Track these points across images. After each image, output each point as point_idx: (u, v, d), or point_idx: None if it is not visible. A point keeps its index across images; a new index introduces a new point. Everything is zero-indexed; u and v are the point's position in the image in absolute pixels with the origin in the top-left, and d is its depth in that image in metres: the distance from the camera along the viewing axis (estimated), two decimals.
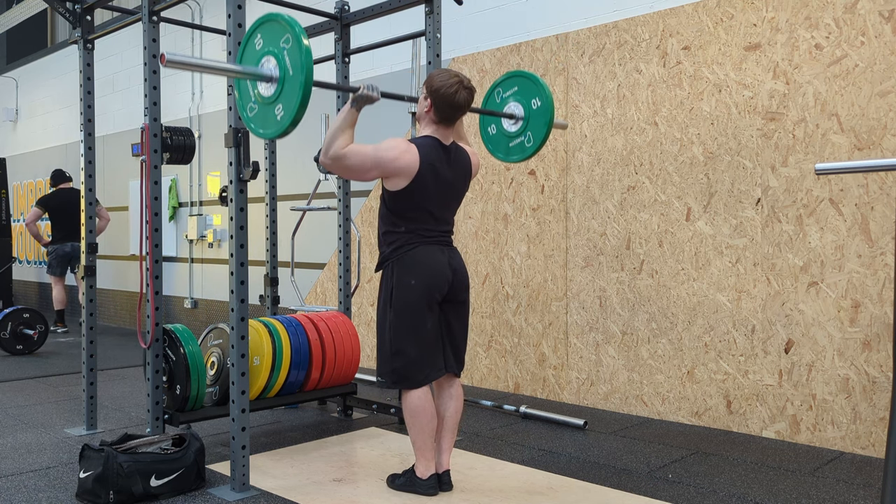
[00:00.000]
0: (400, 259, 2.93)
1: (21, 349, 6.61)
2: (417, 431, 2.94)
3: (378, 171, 2.87)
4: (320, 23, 4.51)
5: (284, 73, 2.59)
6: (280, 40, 2.60)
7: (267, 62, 2.63)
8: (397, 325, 2.93)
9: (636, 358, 4.34)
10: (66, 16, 4.04)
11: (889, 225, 3.47)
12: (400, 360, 2.93)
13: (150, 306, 3.50)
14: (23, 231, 10.98)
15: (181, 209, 7.99)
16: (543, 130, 3.46)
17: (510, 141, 3.61)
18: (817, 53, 3.70)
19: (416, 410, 2.93)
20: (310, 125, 6.18)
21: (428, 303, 2.91)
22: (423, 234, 2.94)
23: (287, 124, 2.59)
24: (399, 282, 2.91)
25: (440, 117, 2.93)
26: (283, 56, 2.59)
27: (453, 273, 2.98)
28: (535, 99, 3.49)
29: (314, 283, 6.37)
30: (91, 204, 3.92)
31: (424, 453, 2.96)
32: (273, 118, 2.65)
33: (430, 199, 2.93)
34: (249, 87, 2.73)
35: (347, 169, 2.86)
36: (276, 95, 2.62)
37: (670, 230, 4.20)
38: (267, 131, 2.69)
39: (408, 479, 3.02)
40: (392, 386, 2.98)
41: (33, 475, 3.24)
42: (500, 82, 3.63)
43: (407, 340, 2.91)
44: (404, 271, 2.91)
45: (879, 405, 3.50)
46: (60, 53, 10.04)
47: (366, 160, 2.84)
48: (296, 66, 2.55)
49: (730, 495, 3.03)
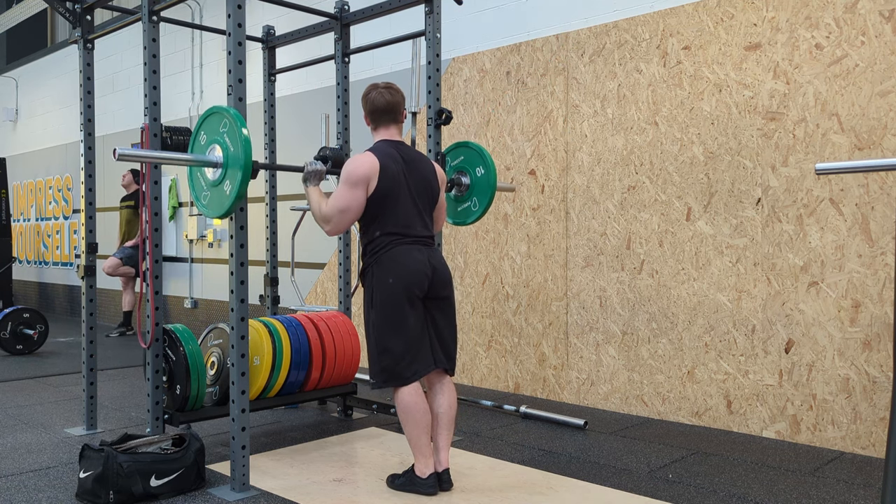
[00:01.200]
0: (378, 260, 2.99)
1: (21, 349, 6.61)
2: (412, 427, 2.95)
3: (360, 190, 2.97)
4: (320, 23, 4.50)
5: (227, 154, 2.88)
6: (220, 127, 2.92)
7: (212, 150, 2.95)
8: (380, 324, 2.97)
9: (636, 358, 4.34)
10: (66, 16, 4.04)
11: (889, 225, 3.47)
12: (387, 358, 2.96)
13: (150, 306, 3.50)
14: (23, 231, 10.99)
15: (181, 209, 7.99)
16: (487, 196, 3.78)
17: (458, 206, 3.93)
18: (818, 53, 3.70)
19: (407, 406, 2.95)
20: (310, 125, 6.20)
21: (408, 298, 2.95)
22: (400, 235, 2.99)
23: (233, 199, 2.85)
24: (378, 282, 2.98)
25: (374, 122, 3.15)
26: (225, 139, 2.89)
27: (433, 270, 3.01)
28: (479, 167, 3.81)
29: (314, 283, 6.37)
30: (91, 204, 3.92)
31: (421, 450, 2.97)
32: (221, 197, 2.92)
33: (402, 194, 3.00)
34: (200, 176, 3.04)
35: (344, 213, 2.98)
36: (221, 176, 2.91)
37: (670, 230, 4.20)
38: (218, 212, 2.95)
39: (408, 479, 3.02)
40: (382, 385, 3.00)
41: (33, 475, 3.24)
42: (448, 152, 3.92)
43: (391, 337, 2.95)
44: (383, 271, 2.97)
45: (880, 405, 3.50)
46: (60, 53, 10.04)
47: (345, 195, 2.96)
48: (235, 143, 2.84)
49: (730, 495, 3.03)
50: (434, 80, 3.87)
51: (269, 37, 4.85)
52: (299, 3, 4.39)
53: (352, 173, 2.96)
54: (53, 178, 10.19)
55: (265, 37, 4.85)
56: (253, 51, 6.25)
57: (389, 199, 2.98)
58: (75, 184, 9.71)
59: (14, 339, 6.58)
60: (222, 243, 7.49)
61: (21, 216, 11.10)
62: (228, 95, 3.03)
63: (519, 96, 4.92)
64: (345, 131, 4.35)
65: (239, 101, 2.97)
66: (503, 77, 5.02)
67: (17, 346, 6.59)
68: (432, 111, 3.84)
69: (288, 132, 6.21)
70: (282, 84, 6.03)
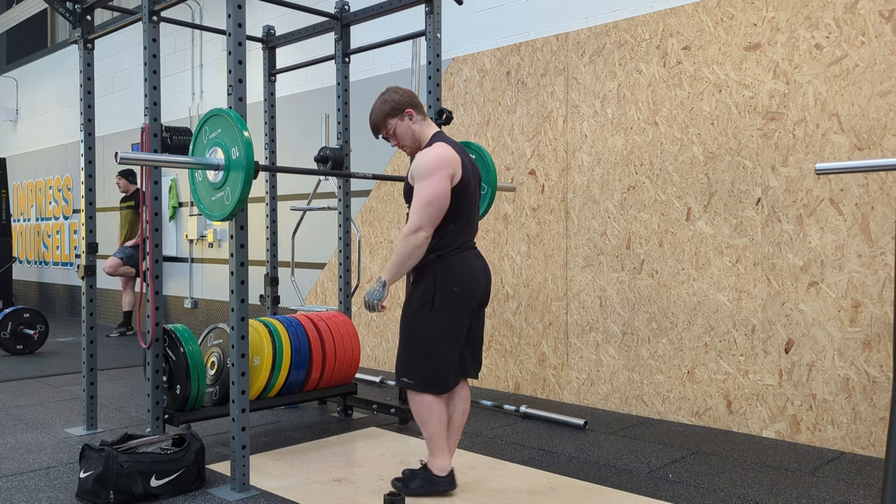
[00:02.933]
0: (445, 261, 2.84)
1: (21, 349, 6.61)
2: (435, 424, 2.90)
3: (447, 179, 2.79)
4: (320, 23, 4.50)
5: (229, 156, 2.86)
6: (221, 129, 2.92)
7: (213, 153, 2.94)
8: (435, 331, 2.86)
9: (636, 358, 4.34)
10: (66, 16, 4.04)
11: (889, 225, 3.47)
12: (435, 367, 2.87)
13: (151, 306, 3.50)
14: (23, 231, 10.99)
15: (181, 209, 7.99)
16: (488, 196, 3.78)
17: None
18: (817, 53, 3.70)
19: (431, 405, 2.89)
20: (310, 125, 6.20)
21: (467, 310, 2.88)
22: (463, 236, 2.91)
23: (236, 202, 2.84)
24: (442, 286, 2.84)
25: (420, 112, 3.01)
26: (226, 141, 2.89)
27: (487, 281, 2.97)
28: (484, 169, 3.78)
29: (314, 283, 6.37)
30: (91, 204, 3.92)
31: (442, 448, 2.93)
32: (223, 200, 2.92)
33: (469, 195, 2.91)
34: (201, 179, 3.03)
35: (431, 204, 2.77)
36: (223, 179, 2.90)
37: (670, 230, 4.20)
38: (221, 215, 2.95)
39: (425, 480, 2.95)
40: (418, 389, 2.90)
41: (33, 475, 3.24)
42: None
43: (444, 347, 2.87)
44: (449, 276, 2.84)
45: (880, 405, 3.50)
46: (60, 53, 10.04)
47: (433, 184, 2.76)
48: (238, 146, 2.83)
49: (730, 495, 3.03)
50: (434, 80, 3.87)
51: (269, 37, 4.85)
52: (299, 3, 4.39)
53: (439, 159, 2.79)
54: (53, 178, 10.20)
55: (265, 37, 4.85)
56: (253, 51, 6.25)
57: (464, 196, 2.87)
58: (75, 184, 9.71)
59: (14, 339, 6.58)
60: (222, 243, 7.49)
61: (21, 216, 11.10)
62: (228, 95, 3.03)
63: (519, 96, 4.92)
64: (345, 131, 4.35)
65: (239, 102, 2.97)
66: (503, 77, 5.02)
67: (17, 346, 6.59)
68: (432, 111, 3.84)
69: (288, 132, 6.22)
70: (282, 84, 6.04)
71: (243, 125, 2.84)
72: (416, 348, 2.89)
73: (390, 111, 2.97)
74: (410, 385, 2.91)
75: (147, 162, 3.14)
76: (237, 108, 2.95)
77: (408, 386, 2.92)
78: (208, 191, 2.99)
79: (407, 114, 2.97)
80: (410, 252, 2.76)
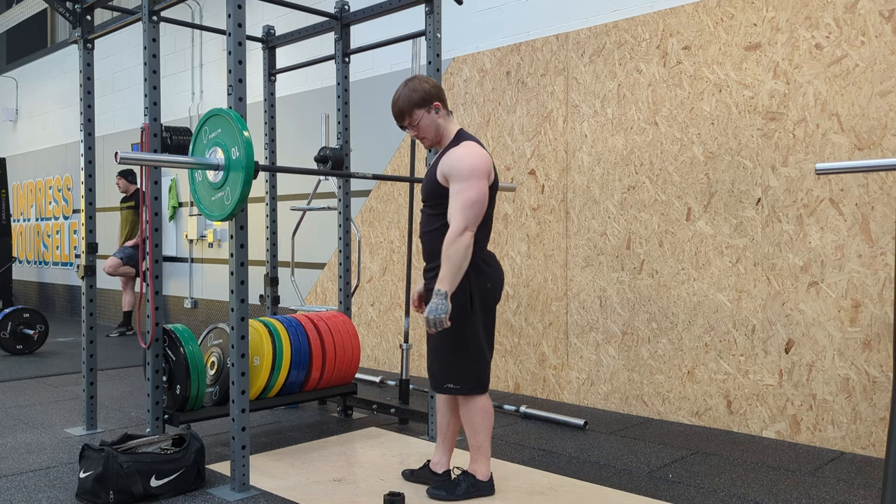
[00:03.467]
0: (474, 260, 2.78)
1: (21, 349, 6.61)
2: (485, 431, 2.89)
3: (486, 180, 2.79)
4: (320, 22, 4.50)
5: (229, 156, 2.86)
6: (221, 129, 2.91)
7: (213, 153, 2.94)
8: (478, 331, 2.84)
9: (636, 358, 4.34)
10: (66, 16, 4.04)
11: (889, 225, 3.47)
12: (481, 367, 2.87)
13: (151, 306, 3.50)
14: (23, 231, 10.99)
15: (181, 209, 7.99)
16: None
17: None
18: (817, 53, 3.70)
19: (487, 411, 2.89)
20: (310, 125, 6.20)
21: (494, 306, 2.90)
22: (486, 238, 2.90)
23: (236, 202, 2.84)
24: (478, 286, 2.82)
25: (447, 108, 2.97)
26: (226, 142, 2.89)
27: (503, 278, 2.99)
28: None
29: (314, 283, 6.37)
30: (91, 204, 3.92)
31: (488, 454, 2.94)
32: (223, 200, 2.92)
33: (494, 196, 2.90)
34: (201, 179, 3.03)
35: (476, 204, 2.74)
36: (223, 179, 2.90)
37: (670, 230, 4.20)
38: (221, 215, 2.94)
39: (471, 485, 2.92)
40: (468, 393, 2.86)
41: (33, 475, 3.24)
42: None
43: (485, 345, 2.88)
44: (481, 275, 2.83)
45: (880, 405, 3.50)
46: (60, 53, 10.04)
47: (475, 185, 2.74)
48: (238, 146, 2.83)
49: (730, 495, 3.03)
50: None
51: (269, 37, 4.85)
52: (299, 3, 4.39)
53: (481, 159, 2.78)
54: (53, 178, 10.20)
55: (265, 37, 4.85)
56: (253, 51, 6.25)
57: (492, 198, 2.86)
58: (75, 184, 9.71)
59: (14, 339, 6.58)
60: (222, 243, 7.49)
61: (21, 216, 11.10)
62: (228, 95, 3.02)
63: (519, 96, 4.92)
64: (345, 131, 4.35)
65: (239, 102, 2.97)
66: (503, 77, 5.02)
67: (17, 346, 6.59)
68: None
69: (288, 132, 6.21)
70: (282, 84, 6.04)
71: (243, 125, 2.84)
72: (462, 352, 2.84)
73: (419, 101, 2.90)
74: (458, 391, 2.87)
75: (147, 162, 3.14)
76: (237, 108, 2.95)
77: (455, 392, 2.88)
78: (208, 191, 2.99)
79: (434, 106, 2.92)
80: (463, 253, 2.69)
